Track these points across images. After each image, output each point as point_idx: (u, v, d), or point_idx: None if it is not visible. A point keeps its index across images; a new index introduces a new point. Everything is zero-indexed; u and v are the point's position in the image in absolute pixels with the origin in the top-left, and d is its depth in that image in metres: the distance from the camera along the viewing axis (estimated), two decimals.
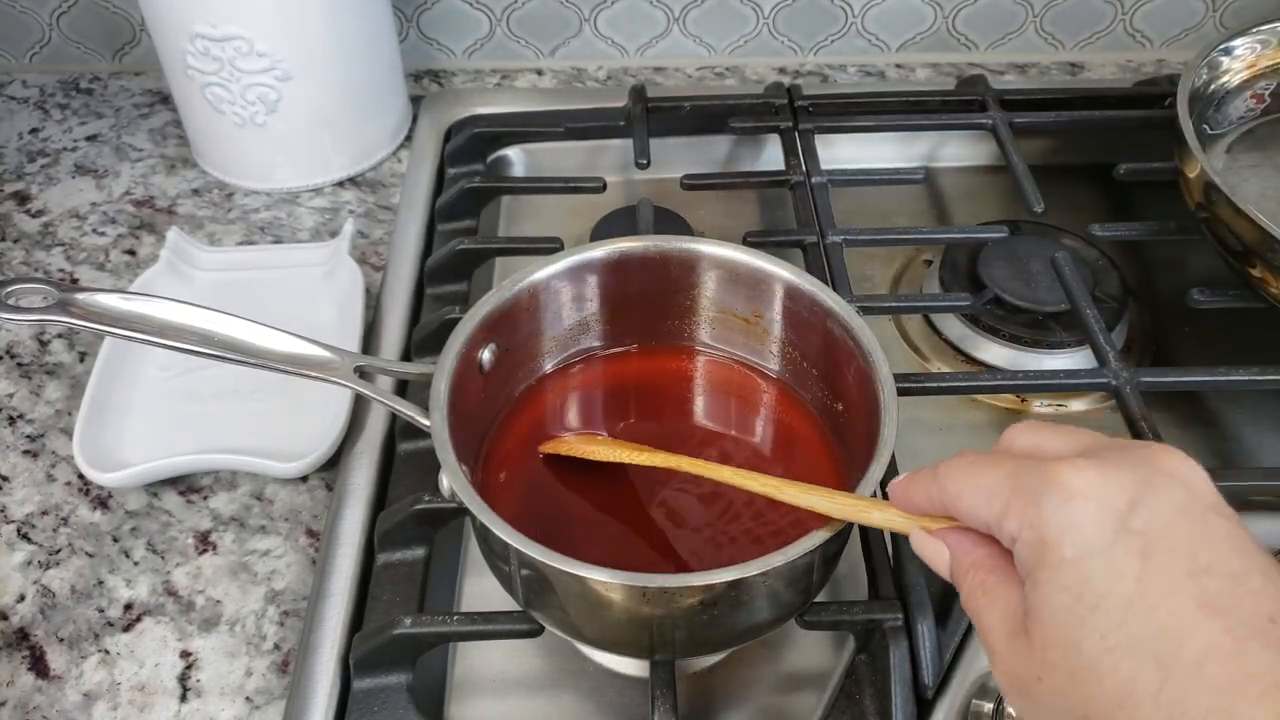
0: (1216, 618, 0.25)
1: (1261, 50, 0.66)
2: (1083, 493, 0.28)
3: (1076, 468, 0.28)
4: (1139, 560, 0.27)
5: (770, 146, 0.74)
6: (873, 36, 0.83)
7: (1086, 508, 0.28)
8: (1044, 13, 0.82)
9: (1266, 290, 0.56)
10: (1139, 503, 0.27)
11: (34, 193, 0.73)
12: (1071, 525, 0.28)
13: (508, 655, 0.49)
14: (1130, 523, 0.27)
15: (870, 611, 0.44)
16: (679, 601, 0.37)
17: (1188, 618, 0.26)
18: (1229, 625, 0.25)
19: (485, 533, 0.40)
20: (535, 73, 0.84)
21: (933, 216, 0.73)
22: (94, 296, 0.44)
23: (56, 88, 0.82)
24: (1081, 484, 0.28)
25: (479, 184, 0.68)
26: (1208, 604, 0.26)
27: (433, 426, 0.41)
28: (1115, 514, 0.27)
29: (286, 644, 0.49)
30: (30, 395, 0.60)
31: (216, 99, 0.68)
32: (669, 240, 0.49)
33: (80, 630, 0.50)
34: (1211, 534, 0.27)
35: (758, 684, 0.48)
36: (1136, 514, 0.27)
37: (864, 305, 0.57)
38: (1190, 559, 0.26)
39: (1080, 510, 0.28)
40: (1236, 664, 0.25)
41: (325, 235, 0.69)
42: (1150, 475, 0.28)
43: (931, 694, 0.43)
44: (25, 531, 0.53)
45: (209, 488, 0.55)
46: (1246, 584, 0.26)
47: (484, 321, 0.46)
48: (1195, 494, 0.28)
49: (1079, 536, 0.27)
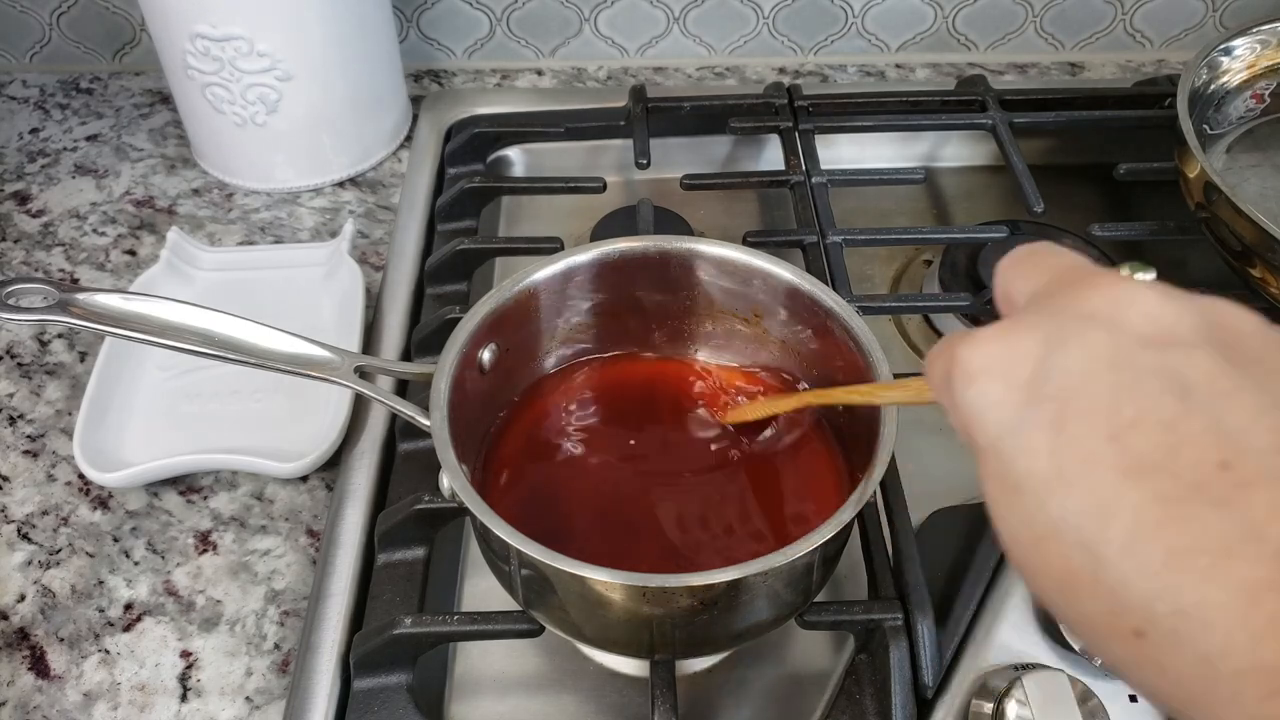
0: (1145, 481, 0.21)
1: (1261, 50, 0.66)
2: (985, 370, 0.25)
3: (977, 343, 0.25)
4: (1050, 433, 0.23)
5: (770, 146, 0.74)
6: (873, 36, 0.83)
7: (989, 388, 0.25)
8: (1044, 13, 0.82)
9: (1266, 290, 0.56)
10: (1047, 363, 0.24)
11: (34, 193, 0.73)
12: (978, 411, 0.25)
13: (508, 655, 0.49)
14: (1039, 390, 0.24)
15: (870, 611, 0.44)
16: (679, 601, 0.37)
17: (1110, 490, 0.22)
18: (1160, 489, 0.21)
19: (485, 533, 0.40)
20: (535, 73, 0.84)
21: (933, 216, 0.73)
22: (94, 296, 0.44)
23: (56, 88, 0.82)
24: (981, 361, 0.25)
25: (479, 184, 0.68)
26: (1133, 467, 0.22)
27: (433, 426, 0.41)
28: (1021, 386, 0.24)
29: (287, 644, 0.49)
30: (30, 395, 0.60)
31: (217, 99, 0.68)
32: (669, 240, 0.49)
33: (80, 630, 0.50)
34: (1139, 378, 0.23)
35: (758, 684, 0.48)
36: (1045, 378, 0.24)
37: (864, 305, 0.57)
38: (1111, 416, 0.22)
39: (982, 393, 0.25)
40: (1175, 534, 0.21)
41: (325, 235, 0.69)
42: (1064, 325, 0.24)
43: (932, 694, 0.43)
44: (25, 531, 0.53)
45: (209, 488, 0.55)
46: (1185, 429, 0.21)
47: (484, 321, 0.46)
48: (1122, 331, 0.23)
49: (987, 421, 0.25)
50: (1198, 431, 0.21)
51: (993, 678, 0.42)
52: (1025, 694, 0.40)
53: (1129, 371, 0.23)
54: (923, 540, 0.47)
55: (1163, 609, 0.21)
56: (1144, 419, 0.22)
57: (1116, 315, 0.24)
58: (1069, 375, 0.23)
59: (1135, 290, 0.24)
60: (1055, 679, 0.40)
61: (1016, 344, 0.25)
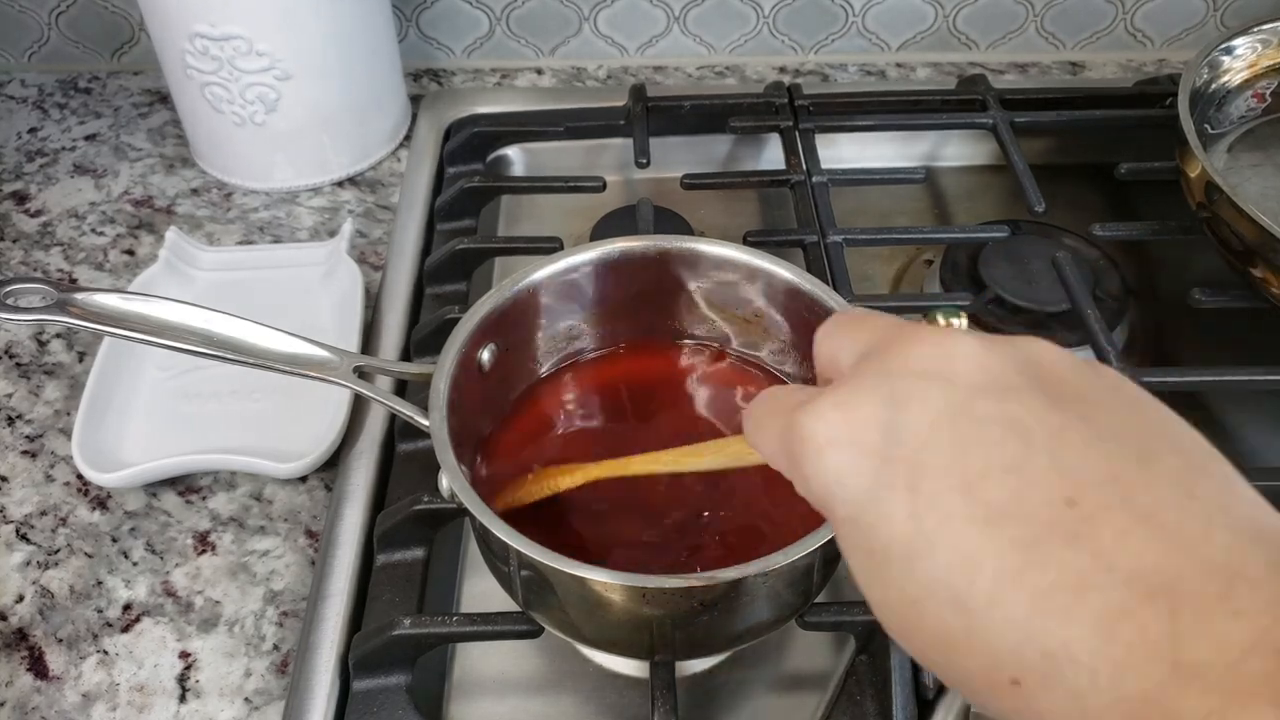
0: (1001, 529, 0.21)
1: (1262, 50, 0.66)
2: (832, 441, 0.25)
3: (819, 414, 0.25)
4: (907, 495, 0.23)
5: (770, 146, 0.74)
6: (873, 36, 0.83)
7: (840, 458, 0.24)
8: (1045, 12, 0.82)
9: (1268, 290, 0.56)
10: (891, 426, 0.24)
11: (33, 192, 0.73)
12: (832, 482, 0.25)
13: (508, 655, 0.48)
14: (890, 453, 0.24)
15: (871, 612, 0.44)
16: (679, 602, 0.37)
17: (969, 544, 0.22)
18: (1016, 534, 0.21)
19: (485, 533, 0.40)
20: (535, 72, 0.84)
21: (933, 216, 0.73)
22: (93, 296, 0.44)
23: (55, 87, 0.82)
24: (827, 432, 0.25)
25: (479, 183, 0.68)
26: (988, 516, 0.22)
27: (432, 426, 0.41)
28: (870, 451, 0.24)
29: (286, 644, 0.49)
30: (29, 395, 0.60)
31: (216, 98, 0.67)
32: (669, 240, 0.49)
33: (79, 631, 0.49)
34: (981, 427, 0.23)
35: (758, 685, 0.48)
36: (894, 441, 0.24)
37: (864, 305, 0.57)
38: (961, 469, 0.22)
39: (834, 463, 0.25)
40: (1035, 578, 0.21)
41: (324, 235, 0.69)
42: (898, 386, 0.24)
43: (932, 694, 0.43)
44: (24, 532, 0.53)
45: (208, 488, 0.55)
46: (1030, 471, 0.22)
47: (484, 321, 0.46)
48: (954, 383, 0.24)
49: (843, 492, 0.24)
50: (1041, 471, 0.22)
51: None
52: None
53: (970, 422, 0.23)
54: None
55: (1031, 654, 0.21)
56: (991, 467, 0.22)
57: (947, 369, 0.24)
58: (916, 434, 0.23)
59: (958, 341, 0.25)
60: None
61: (859, 409, 0.25)
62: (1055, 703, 0.20)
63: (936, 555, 0.22)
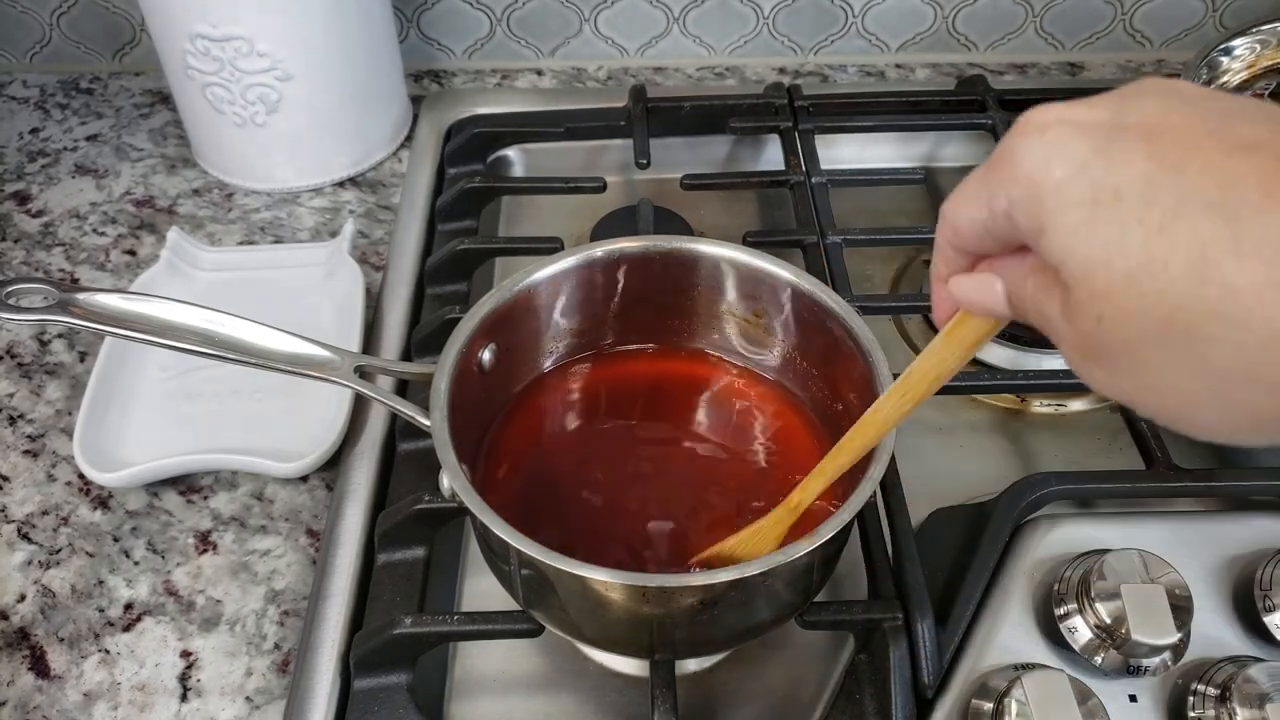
0: (1253, 155, 0.22)
1: (1261, 50, 0.66)
2: (1057, 119, 0.25)
3: (1042, 108, 0.26)
4: (1143, 143, 0.24)
5: (770, 146, 0.74)
6: (873, 36, 0.83)
7: (1063, 130, 0.25)
8: (1044, 13, 0.82)
9: None
10: (1124, 108, 0.25)
11: (34, 193, 0.73)
12: (1054, 150, 0.25)
13: (508, 655, 0.49)
14: (1121, 120, 0.24)
15: (870, 611, 0.44)
16: (679, 601, 0.37)
17: (1225, 163, 0.22)
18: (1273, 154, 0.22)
19: (485, 532, 0.40)
20: (535, 73, 0.84)
21: (933, 217, 0.73)
22: (94, 296, 0.44)
23: (57, 88, 0.82)
24: (1051, 115, 0.26)
25: (479, 184, 0.68)
26: (1241, 145, 0.22)
27: (433, 426, 0.41)
28: (1100, 125, 0.25)
29: (287, 644, 0.49)
30: (30, 395, 0.60)
31: (217, 99, 0.68)
32: (669, 240, 0.49)
33: (80, 630, 0.50)
34: (1211, 107, 0.24)
35: (758, 684, 0.48)
36: (1125, 115, 0.24)
37: (864, 305, 0.57)
38: (1201, 122, 0.23)
39: (1057, 134, 0.25)
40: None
41: (325, 235, 0.69)
42: (1127, 90, 0.26)
43: (931, 694, 0.43)
44: (25, 531, 0.53)
45: (209, 488, 0.55)
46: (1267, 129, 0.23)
47: (484, 321, 0.46)
48: (1185, 95, 0.25)
49: (1066, 153, 0.25)
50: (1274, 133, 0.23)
51: (993, 678, 0.42)
52: (1025, 694, 0.40)
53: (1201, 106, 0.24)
54: (923, 540, 0.47)
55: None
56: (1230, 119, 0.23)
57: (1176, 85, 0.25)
58: (1149, 112, 0.24)
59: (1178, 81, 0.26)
60: (1055, 679, 0.40)
61: (1088, 103, 0.26)
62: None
63: (1185, 176, 0.23)
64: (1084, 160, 0.24)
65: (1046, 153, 0.25)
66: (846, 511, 0.38)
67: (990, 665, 0.43)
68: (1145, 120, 0.24)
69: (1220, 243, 0.22)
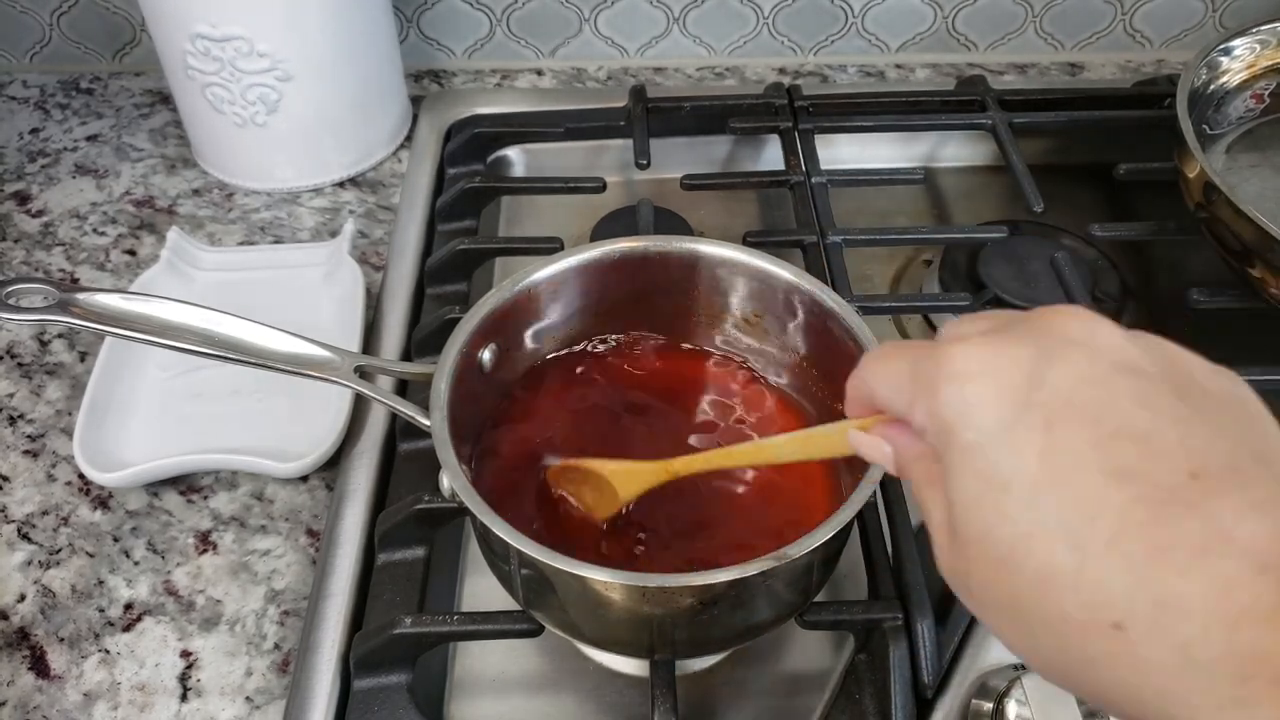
0: (1127, 486, 0.23)
1: (1261, 50, 0.66)
2: (977, 373, 0.26)
3: (968, 348, 0.27)
4: (1041, 435, 0.25)
5: (770, 146, 0.74)
6: (873, 37, 0.83)
7: (982, 388, 0.26)
8: (1044, 13, 0.82)
9: (1266, 290, 0.56)
10: (1037, 375, 0.26)
11: (34, 193, 0.73)
12: (968, 408, 0.26)
13: (508, 655, 0.49)
14: (1030, 397, 0.25)
15: (870, 611, 0.44)
16: (679, 601, 0.37)
17: (1096, 491, 0.24)
18: (1141, 493, 0.23)
19: (485, 532, 0.40)
20: (535, 73, 0.84)
21: (933, 216, 0.73)
22: (94, 296, 0.44)
23: (57, 88, 0.82)
24: (974, 365, 0.27)
25: (479, 184, 0.68)
26: (1116, 472, 0.24)
27: (433, 426, 0.41)
28: (1012, 390, 0.26)
29: (287, 644, 0.49)
30: (30, 395, 0.60)
31: (217, 99, 0.68)
32: (669, 240, 0.49)
33: (80, 630, 0.50)
34: (1116, 395, 0.25)
35: (758, 684, 0.48)
36: (1035, 387, 0.25)
37: (864, 305, 0.57)
38: (1095, 426, 0.24)
39: (975, 391, 0.26)
40: (1155, 533, 0.23)
41: (325, 235, 0.69)
42: (1048, 345, 0.26)
43: (931, 693, 0.43)
44: (26, 531, 0.53)
45: (209, 488, 0.55)
46: (1159, 442, 0.24)
47: (484, 321, 0.46)
48: (1098, 355, 0.26)
49: (977, 419, 0.26)
50: (1169, 445, 0.24)
51: (993, 678, 0.42)
52: (1025, 694, 0.40)
53: (1108, 390, 0.25)
54: (923, 540, 0.47)
55: (1143, 600, 0.22)
56: (1124, 430, 0.24)
57: (1091, 342, 0.26)
58: (1058, 387, 0.25)
59: (1102, 323, 0.27)
60: None
61: (1009, 351, 0.26)
62: (1158, 651, 0.22)
63: (1062, 492, 0.24)
64: (991, 433, 0.26)
65: (963, 409, 0.26)
66: (846, 511, 0.38)
67: (990, 665, 0.43)
68: (1049, 400, 0.25)
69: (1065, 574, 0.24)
